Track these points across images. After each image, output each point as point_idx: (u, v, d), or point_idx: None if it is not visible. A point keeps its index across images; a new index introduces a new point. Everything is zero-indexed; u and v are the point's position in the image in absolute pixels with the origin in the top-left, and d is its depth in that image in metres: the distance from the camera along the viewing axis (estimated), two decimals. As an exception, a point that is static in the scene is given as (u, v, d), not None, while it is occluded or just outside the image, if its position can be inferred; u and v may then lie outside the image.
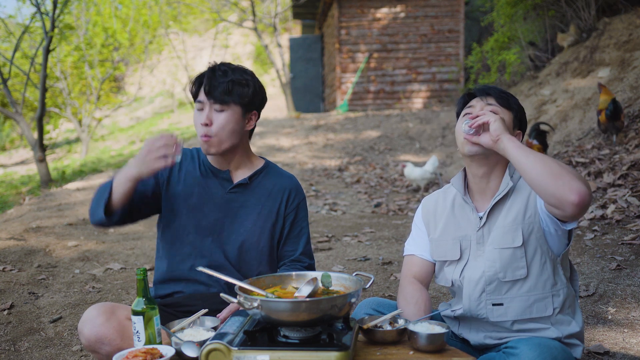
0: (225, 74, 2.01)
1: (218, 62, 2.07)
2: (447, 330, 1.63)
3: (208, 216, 2.10)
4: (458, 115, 1.95)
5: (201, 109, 2.03)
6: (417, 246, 2.04)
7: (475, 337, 1.89)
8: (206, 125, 2.00)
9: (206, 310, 1.87)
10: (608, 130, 6.17)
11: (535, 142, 6.31)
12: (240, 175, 2.15)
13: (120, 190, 1.92)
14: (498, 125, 1.72)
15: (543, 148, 6.34)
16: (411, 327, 1.64)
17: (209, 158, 2.16)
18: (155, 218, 2.21)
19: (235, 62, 2.18)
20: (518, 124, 1.91)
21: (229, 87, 2.00)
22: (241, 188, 2.13)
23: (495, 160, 1.86)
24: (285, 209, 2.16)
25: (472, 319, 1.88)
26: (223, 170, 2.13)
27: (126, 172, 1.90)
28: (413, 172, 6.80)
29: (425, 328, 1.65)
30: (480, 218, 1.87)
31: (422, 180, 6.79)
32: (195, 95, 2.05)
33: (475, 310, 1.85)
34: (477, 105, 1.90)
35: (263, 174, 2.18)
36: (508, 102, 1.89)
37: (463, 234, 1.90)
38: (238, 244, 2.10)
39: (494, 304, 1.81)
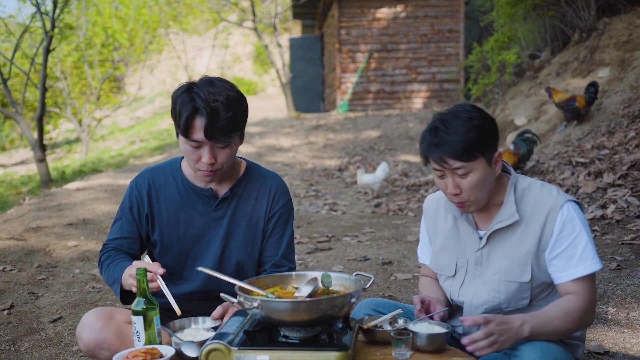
0: (220, 111, 1.81)
1: (202, 91, 1.82)
2: (447, 330, 1.63)
3: (200, 240, 2.04)
4: (425, 158, 1.76)
5: (198, 147, 1.87)
6: (426, 255, 2.02)
7: None
8: (212, 164, 1.89)
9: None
10: (575, 116, 6.83)
11: (512, 147, 6.25)
12: (223, 187, 2.05)
13: (129, 289, 1.89)
14: (508, 344, 1.57)
15: (524, 157, 6.23)
16: (411, 327, 1.64)
17: (190, 176, 2.05)
18: None
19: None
20: (492, 146, 1.72)
21: (230, 127, 1.84)
22: (226, 202, 2.04)
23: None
24: (270, 211, 2.08)
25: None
26: (206, 188, 2.03)
27: (129, 284, 1.85)
28: (363, 178, 6.52)
29: (426, 328, 1.65)
30: (480, 238, 1.81)
31: (371, 185, 6.54)
32: (185, 133, 1.85)
33: (475, 330, 1.85)
34: (444, 173, 1.72)
35: (245, 180, 2.07)
36: (470, 152, 1.66)
37: (461, 251, 1.86)
38: (234, 262, 2.05)
39: None
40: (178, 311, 1.79)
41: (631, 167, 4.91)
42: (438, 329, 1.64)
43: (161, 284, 1.79)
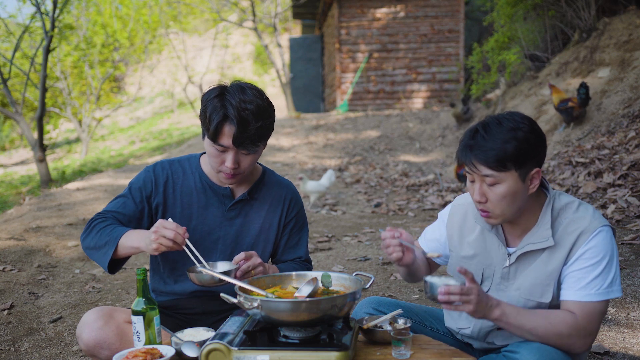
0: (250, 121, 1.84)
1: (234, 98, 1.84)
2: (460, 284, 1.60)
3: (209, 237, 2.03)
4: (458, 159, 1.73)
5: (223, 151, 1.90)
6: (427, 243, 2.00)
7: (479, 344, 1.89)
8: (234, 168, 1.91)
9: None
10: (569, 117, 6.97)
11: None
12: (240, 189, 2.07)
13: (125, 253, 1.86)
14: (474, 312, 1.58)
15: None
16: (428, 279, 1.62)
17: (209, 173, 2.06)
18: None
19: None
20: (531, 162, 1.64)
21: (258, 136, 1.88)
22: (241, 203, 2.06)
23: (524, 206, 1.70)
24: (285, 218, 2.12)
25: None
26: (223, 187, 2.04)
27: (133, 244, 1.82)
28: (306, 185, 6.15)
29: (441, 281, 1.63)
30: (509, 255, 1.76)
31: (314, 193, 6.18)
32: (213, 137, 1.86)
33: (482, 337, 1.85)
34: (474, 178, 1.68)
35: (261, 185, 2.10)
36: (502, 163, 1.60)
37: (488, 262, 1.81)
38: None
39: (499, 328, 1.80)
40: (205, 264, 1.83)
41: (631, 167, 4.91)
42: (452, 281, 1.62)
43: (188, 246, 1.80)
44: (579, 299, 1.63)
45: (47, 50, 9.45)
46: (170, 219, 1.80)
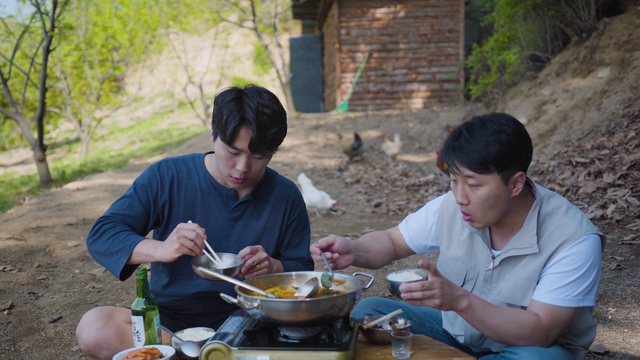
0: (268, 125, 1.84)
1: (252, 101, 1.84)
2: (423, 278, 1.60)
3: (211, 238, 2.00)
4: (442, 160, 1.72)
5: (236, 154, 1.88)
6: (408, 231, 2.00)
7: (477, 349, 1.89)
8: (245, 172, 1.90)
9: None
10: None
11: None
12: (244, 190, 2.06)
13: (137, 260, 1.85)
14: (440, 306, 1.56)
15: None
16: (389, 278, 1.64)
17: (214, 174, 2.05)
18: None
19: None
20: (514, 165, 1.62)
21: (274, 142, 1.88)
22: (244, 204, 2.05)
23: (510, 209, 1.69)
24: (288, 219, 2.12)
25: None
26: (227, 188, 2.03)
27: (149, 252, 1.81)
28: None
29: (403, 277, 1.64)
30: (493, 258, 1.75)
31: None
32: (230, 140, 1.85)
33: (477, 343, 1.84)
34: (457, 179, 1.67)
35: (265, 185, 2.09)
36: (484, 165, 1.59)
37: (473, 264, 1.80)
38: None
39: None
40: (220, 264, 1.83)
41: (631, 167, 4.91)
42: (415, 276, 1.63)
43: (207, 246, 1.81)
44: (547, 301, 1.62)
45: (47, 50, 9.45)
46: (190, 221, 1.81)
